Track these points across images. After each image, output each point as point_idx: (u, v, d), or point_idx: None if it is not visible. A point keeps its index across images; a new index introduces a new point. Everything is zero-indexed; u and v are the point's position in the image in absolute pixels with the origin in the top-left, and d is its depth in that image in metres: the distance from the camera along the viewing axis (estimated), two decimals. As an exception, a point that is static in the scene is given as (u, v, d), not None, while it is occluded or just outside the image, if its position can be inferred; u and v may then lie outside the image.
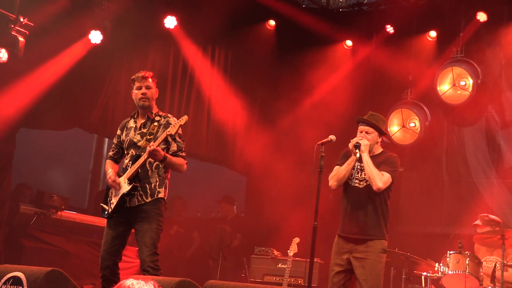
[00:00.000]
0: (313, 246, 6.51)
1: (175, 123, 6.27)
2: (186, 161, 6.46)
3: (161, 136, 6.19)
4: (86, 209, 12.19)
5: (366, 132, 6.69)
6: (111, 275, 6.36)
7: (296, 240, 8.76)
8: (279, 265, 9.34)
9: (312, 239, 6.51)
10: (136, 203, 6.31)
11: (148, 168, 6.35)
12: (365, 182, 6.62)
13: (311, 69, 12.05)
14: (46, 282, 6.35)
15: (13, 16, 8.86)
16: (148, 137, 6.35)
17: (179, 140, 6.40)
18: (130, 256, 10.17)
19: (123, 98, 10.38)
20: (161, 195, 6.36)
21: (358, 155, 6.52)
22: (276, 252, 9.60)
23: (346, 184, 6.72)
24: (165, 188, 6.43)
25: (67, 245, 10.14)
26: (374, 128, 6.70)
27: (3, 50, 8.83)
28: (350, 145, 6.59)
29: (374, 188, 6.49)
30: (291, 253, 8.70)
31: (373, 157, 6.58)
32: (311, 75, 12.02)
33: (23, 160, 10.75)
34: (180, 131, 6.40)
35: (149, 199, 6.31)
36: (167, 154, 6.24)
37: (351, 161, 6.63)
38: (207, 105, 11.77)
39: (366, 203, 6.61)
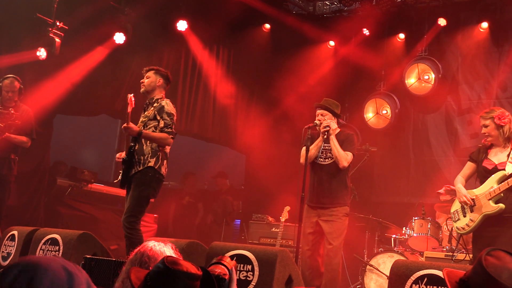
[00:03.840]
0: (301, 213, 6.56)
1: (164, 105, 6.35)
2: (171, 136, 6.34)
3: (129, 116, 6.26)
4: (111, 182, 12.22)
5: (322, 115, 6.76)
6: None
7: (287, 208, 8.80)
8: (273, 229, 9.36)
9: (301, 207, 6.56)
10: (133, 173, 6.33)
11: (144, 143, 6.36)
12: (329, 159, 6.68)
13: (300, 64, 12.03)
14: (78, 243, 6.43)
15: (51, 20, 8.88)
16: (143, 119, 6.40)
17: (167, 118, 6.34)
18: (148, 221, 10.25)
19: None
20: (150, 164, 6.28)
21: (326, 137, 6.61)
22: (270, 218, 9.63)
23: (313, 162, 6.76)
24: (157, 159, 6.32)
25: (96, 212, 10.18)
26: (327, 110, 6.76)
27: (42, 49, 8.84)
28: (321, 128, 6.63)
29: (340, 166, 6.57)
30: (283, 219, 8.76)
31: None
32: (300, 70, 12.01)
33: (59, 141, 10.76)
34: (169, 111, 6.37)
35: (141, 168, 6.30)
36: (143, 130, 6.26)
37: (318, 141, 6.69)
38: (212, 95, 11.77)
39: (331, 177, 6.68)
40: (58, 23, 8.88)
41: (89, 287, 1.93)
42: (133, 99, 6.38)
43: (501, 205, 5.58)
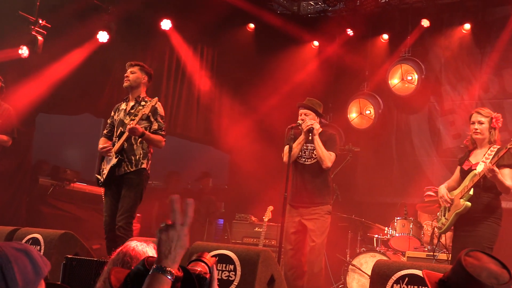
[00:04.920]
0: (284, 213, 6.56)
1: (157, 107, 6.37)
2: (164, 139, 6.44)
3: (138, 115, 6.22)
4: (94, 181, 12.15)
5: (305, 114, 6.76)
6: (114, 236, 6.36)
7: (270, 208, 8.81)
8: (256, 229, 9.36)
9: (283, 207, 6.55)
10: (123, 172, 6.33)
11: (134, 143, 6.37)
12: (312, 159, 6.69)
13: (284, 65, 12.03)
14: (60, 242, 6.38)
15: (33, 18, 8.82)
16: (133, 117, 6.35)
17: (160, 120, 6.41)
18: (131, 221, 10.17)
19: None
20: (143, 165, 6.36)
21: (310, 137, 6.62)
22: (253, 218, 9.63)
23: (296, 162, 6.77)
24: (148, 160, 6.42)
25: (79, 212, 10.12)
26: (311, 110, 6.78)
27: (25, 48, 8.79)
28: (304, 128, 6.63)
29: (324, 166, 6.60)
30: (266, 219, 8.76)
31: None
32: (284, 70, 12.01)
33: (42, 140, 10.69)
34: (162, 113, 6.41)
35: (134, 168, 6.33)
36: (145, 131, 6.24)
37: (301, 140, 6.70)
38: (196, 95, 11.75)
39: (313, 177, 6.70)
40: (40, 21, 8.84)
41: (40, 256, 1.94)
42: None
43: (467, 203, 5.67)
